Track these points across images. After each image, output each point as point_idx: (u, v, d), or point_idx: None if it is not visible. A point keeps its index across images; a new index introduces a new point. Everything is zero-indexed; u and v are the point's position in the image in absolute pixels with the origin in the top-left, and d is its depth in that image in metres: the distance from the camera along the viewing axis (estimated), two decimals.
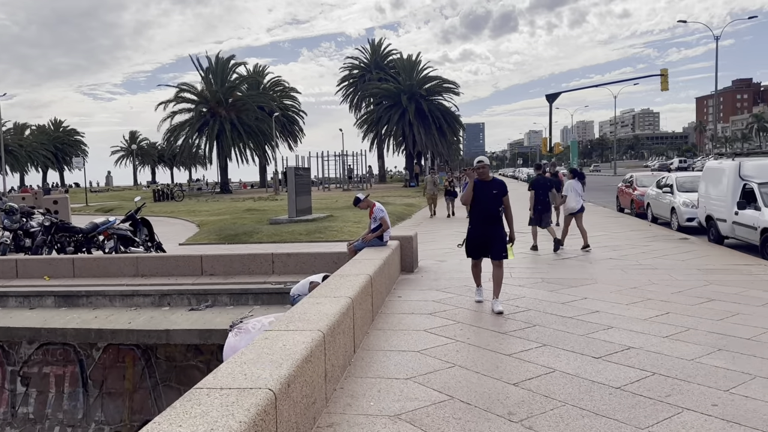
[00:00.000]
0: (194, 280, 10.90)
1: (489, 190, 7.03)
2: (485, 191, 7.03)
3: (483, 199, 7.03)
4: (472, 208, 7.24)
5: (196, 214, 27.31)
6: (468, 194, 7.13)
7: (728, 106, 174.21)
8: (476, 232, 7.17)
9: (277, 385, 3.20)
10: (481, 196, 7.03)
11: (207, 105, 55.53)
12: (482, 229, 7.10)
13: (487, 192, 7.02)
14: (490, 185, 7.07)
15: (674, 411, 4.03)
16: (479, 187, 7.06)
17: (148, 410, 10.51)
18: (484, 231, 7.09)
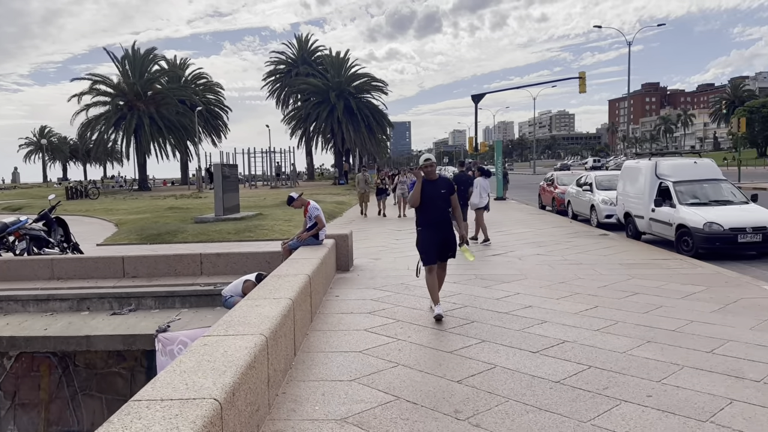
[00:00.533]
0: (116, 283, 10.34)
1: (437, 189, 6.62)
2: (433, 191, 6.60)
3: (432, 199, 6.58)
4: (420, 211, 6.70)
5: (114, 213, 26.01)
6: (416, 196, 6.59)
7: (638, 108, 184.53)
8: (430, 236, 6.63)
9: (222, 394, 3.04)
10: (430, 196, 6.58)
11: (124, 98, 53.08)
12: (435, 231, 6.62)
13: (435, 192, 6.60)
14: (437, 184, 6.66)
15: (613, 403, 4.16)
16: (427, 188, 6.60)
17: (66, 421, 9.91)
18: (437, 234, 6.62)
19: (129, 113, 52.17)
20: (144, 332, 8.77)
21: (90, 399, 9.91)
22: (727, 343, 5.43)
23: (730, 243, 10.78)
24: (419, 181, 6.62)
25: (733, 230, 10.78)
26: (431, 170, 6.64)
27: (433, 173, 6.68)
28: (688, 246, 11.23)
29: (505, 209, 23.02)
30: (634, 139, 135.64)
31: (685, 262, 10.05)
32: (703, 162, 13.04)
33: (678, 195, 12.02)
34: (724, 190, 12.34)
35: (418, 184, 6.62)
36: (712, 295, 7.46)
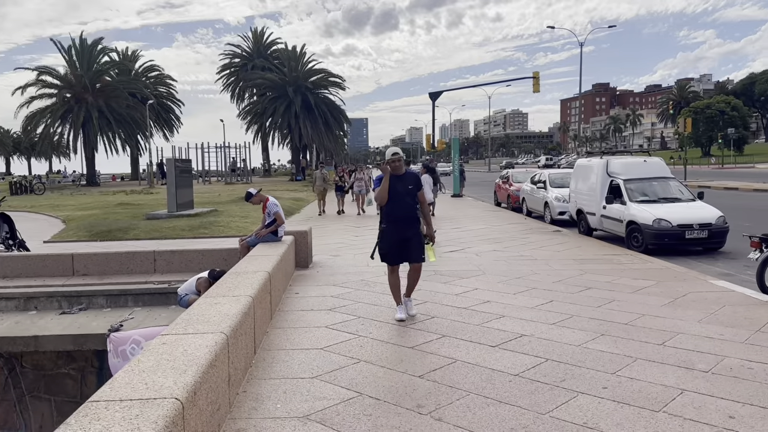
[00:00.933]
0: (65, 281, 10.00)
1: (404, 185, 6.23)
2: (400, 187, 6.21)
3: (398, 195, 6.18)
4: (386, 207, 6.28)
5: (61, 209, 25.12)
6: (384, 192, 6.19)
7: (588, 108, 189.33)
8: (393, 234, 6.22)
9: (183, 393, 2.98)
10: (396, 192, 6.18)
11: (71, 90, 51.23)
12: (400, 229, 6.21)
13: (401, 188, 6.21)
14: (404, 180, 6.27)
15: (570, 395, 4.26)
16: (393, 183, 6.22)
17: (13, 424, 9.55)
18: (403, 232, 6.22)
19: (77, 106, 50.41)
20: (95, 332, 8.51)
21: (38, 401, 9.57)
22: (677, 336, 5.63)
23: (678, 239, 11.18)
24: (387, 177, 6.21)
25: (680, 227, 11.19)
26: (399, 165, 6.27)
27: (401, 168, 6.31)
28: (638, 242, 11.60)
29: (461, 206, 23.28)
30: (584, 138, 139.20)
31: (636, 258, 10.38)
32: (653, 160, 13.48)
33: (628, 192, 12.40)
34: (673, 187, 12.79)
35: (386, 179, 6.21)
36: (662, 289, 7.73)
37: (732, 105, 71.50)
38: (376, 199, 6.28)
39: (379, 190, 6.26)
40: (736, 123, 68.85)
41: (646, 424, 3.76)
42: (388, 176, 6.23)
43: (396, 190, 6.19)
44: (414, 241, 6.28)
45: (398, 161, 6.26)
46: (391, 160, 6.25)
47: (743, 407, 3.99)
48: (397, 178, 6.25)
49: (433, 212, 22.06)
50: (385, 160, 6.31)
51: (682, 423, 3.77)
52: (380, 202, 6.26)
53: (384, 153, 7.13)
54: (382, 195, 6.21)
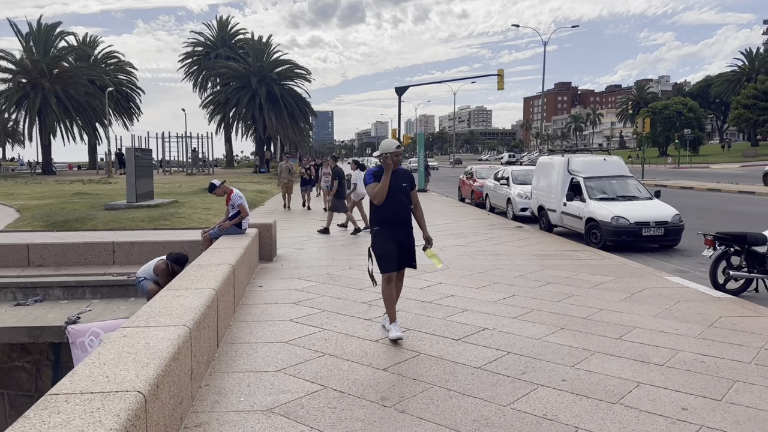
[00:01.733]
0: (20, 272, 9.72)
1: (399, 181, 5.61)
2: (395, 183, 5.57)
3: (394, 194, 5.54)
4: (381, 207, 5.58)
5: (15, 198, 24.31)
6: (384, 189, 5.47)
7: (551, 106, 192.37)
8: (390, 237, 5.56)
9: (146, 386, 2.94)
10: (392, 190, 5.54)
11: (27, 75, 49.48)
12: (396, 232, 5.59)
13: (398, 186, 5.58)
14: (399, 177, 5.64)
15: (530, 387, 4.36)
16: (390, 179, 5.55)
17: None
18: (399, 234, 5.61)
19: (33, 92, 48.71)
20: (52, 324, 8.31)
21: None
22: (634, 330, 5.80)
23: (635, 236, 11.49)
24: (389, 172, 5.50)
25: (638, 224, 11.50)
26: (399, 159, 5.64)
27: (399, 163, 5.66)
28: (597, 238, 11.88)
29: (426, 201, 23.42)
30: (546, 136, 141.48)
31: (594, 254, 10.63)
32: (612, 159, 13.80)
33: (588, 190, 12.67)
34: (631, 186, 13.12)
35: (387, 175, 5.49)
36: (619, 285, 7.94)
37: (689, 106, 73.56)
38: (374, 197, 5.50)
39: (379, 186, 5.50)
40: (692, 124, 70.91)
41: (603, 416, 3.87)
42: (390, 172, 5.51)
43: (391, 188, 5.54)
44: (409, 245, 5.69)
45: (399, 156, 5.60)
46: (395, 153, 5.54)
47: (696, 399, 4.15)
48: (392, 175, 5.58)
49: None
50: (387, 153, 5.53)
51: (638, 415, 3.90)
52: (378, 201, 5.51)
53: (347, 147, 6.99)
54: (382, 193, 5.48)
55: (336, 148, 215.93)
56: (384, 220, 5.61)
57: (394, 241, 5.56)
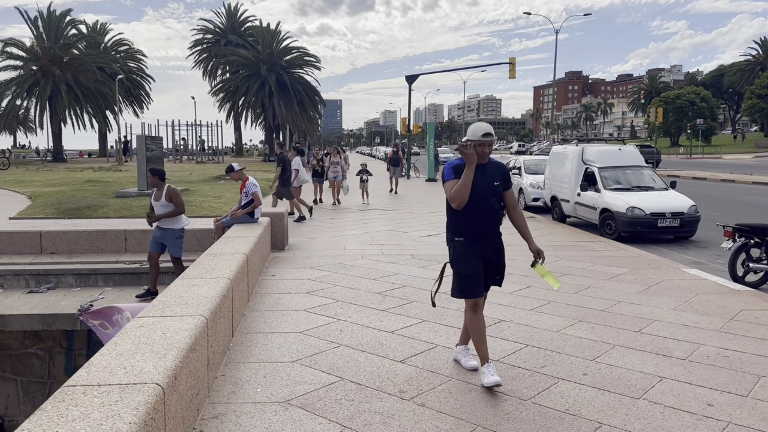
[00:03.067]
0: (33, 259, 9.72)
1: (489, 180, 4.25)
2: (483, 182, 4.21)
3: (481, 195, 4.19)
4: (464, 212, 4.22)
5: (27, 185, 24.42)
6: (466, 188, 4.11)
7: (561, 95, 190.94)
8: (476, 252, 4.26)
9: (164, 378, 2.89)
10: (479, 190, 4.17)
11: (38, 63, 49.60)
12: (483, 245, 4.31)
13: (486, 184, 4.22)
14: (488, 173, 4.27)
15: (551, 381, 4.28)
16: (477, 177, 4.19)
17: None
18: (487, 248, 4.33)
19: (43, 79, 48.85)
20: (65, 311, 8.30)
21: (4, 381, 9.34)
22: (654, 323, 5.70)
23: (651, 227, 11.35)
24: (472, 166, 4.11)
25: (653, 215, 11.34)
26: (487, 151, 4.23)
27: (488, 155, 4.29)
28: (611, 229, 11.74)
29: (437, 190, 23.29)
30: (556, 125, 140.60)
31: (609, 245, 10.50)
32: (627, 149, 13.62)
33: (603, 180, 12.52)
34: (646, 176, 12.95)
35: (470, 170, 4.12)
36: (636, 276, 7.83)
37: (701, 96, 72.74)
38: (454, 198, 4.16)
39: (458, 185, 4.13)
40: (704, 114, 70.15)
41: (627, 411, 3.79)
42: (474, 165, 4.13)
43: (479, 187, 4.17)
44: (500, 262, 4.48)
45: (490, 145, 4.23)
46: (480, 143, 4.18)
47: (721, 395, 4.05)
48: (480, 170, 4.23)
49: (396, 190, 22.17)
50: (470, 140, 4.18)
51: (663, 410, 3.81)
52: (458, 204, 4.15)
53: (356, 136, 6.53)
54: (462, 193, 4.12)
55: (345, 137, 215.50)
56: (468, 229, 4.27)
57: (481, 257, 4.29)
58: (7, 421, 9.12)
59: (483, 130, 4.19)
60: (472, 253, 4.26)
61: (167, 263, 9.28)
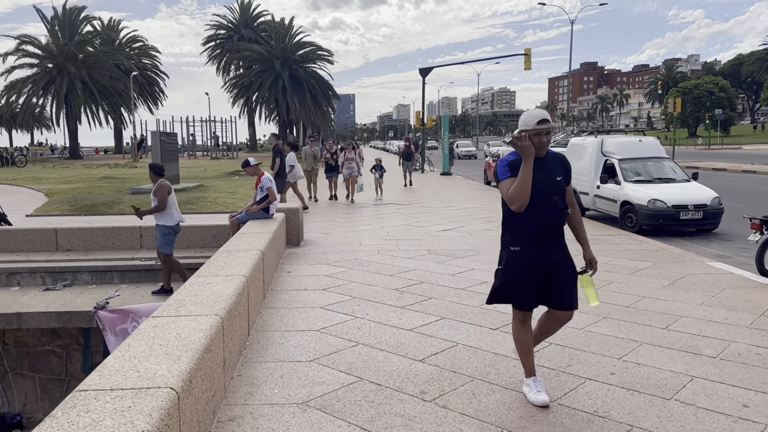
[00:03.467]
0: (48, 257, 9.72)
1: (549, 174, 3.65)
2: (544, 178, 3.62)
3: (542, 193, 3.59)
4: (520, 215, 3.62)
5: (44, 182, 24.61)
6: (526, 187, 3.52)
7: (576, 87, 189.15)
8: (532, 259, 3.67)
9: (178, 382, 2.78)
10: (540, 187, 3.58)
11: (53, 60, 49.97)
12: (542, 251, 3.67)
13: (546, 180, 3.62)
14: (547, 166, 3.67)
15: (578, 382, 4.13)
16: (536, 171, 3.59)
17: None
18: (546, 254, 3.68)
19: (59, 77, 49.21)
20: (81, 309, 8.28)
21: (22, 379, 9.37)
22: (681, 319, 5.52)
23: (673, 220, 11.10)
24: (530, 160, 3.52)
25: (675, 207, 11.09)
26: (545, 140, 3.61)
27: (546, 146, 3.67)
28: (632, 222, 11.51)
29: (451, 184, 23.12)
30: (572, 117, 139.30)
31: (630, 238, 10.28)
32: (648, 140, 13.34)
33: (623, 172, 12.27)
34: (667, 168, 12.68)
35: (528, 164, 3.52)
36: (660, 271, 7.62)
37: (720, 86, 71.64)
38: (513, 200, 3.55)
39: (517, 184, 3.53)
40: (723, 104, 69.09)
41: (658, 413, 3.63)
42: (532, 159, 3.54)
43: (539, 185, 3.58)
44: (563, 271, 3.73)
45: (547, 134, 3.62)
46: (536, 132, 3.58)
47: (756, 395, 3.88)
48: (538, 164, 3.62)
49: (411, 182, 22.05)
50: (524, 130, 3.59)
51: (696, 412, 3.65)
52: (518, 205, 3.55)
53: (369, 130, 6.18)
54: (522, 193, 3.52)
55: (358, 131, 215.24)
56: (527, 234, 3.66)
57: (540, 267, 3.67)
58: (25, 418, 9.15)
59: (537, 117, 3.60)
60: (527, 263, 3.68)
61: (185, 259, 9.24)
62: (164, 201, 8.28)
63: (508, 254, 3.76)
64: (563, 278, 3.73)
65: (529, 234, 3.66)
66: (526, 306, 3.80)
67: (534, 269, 3.68)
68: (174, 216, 8.47)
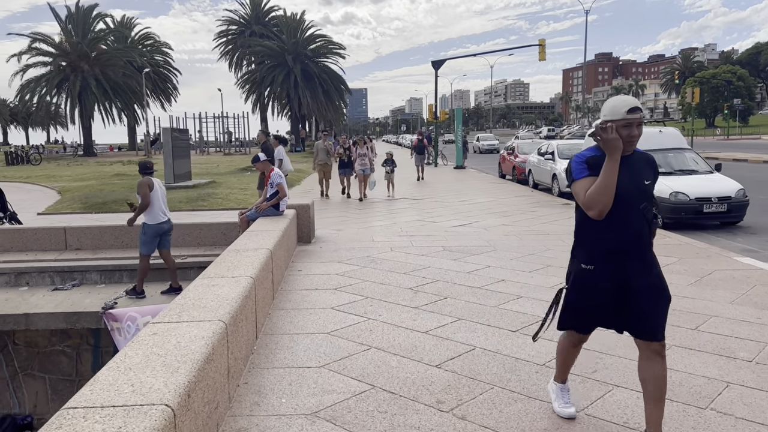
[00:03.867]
0: (57, 256, 9.60)
1: (636, 176, 3.02)
2: (630, 180, 2.99)
3: (629, 198, 2.99)
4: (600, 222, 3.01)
5: (57, 180, 24.67)
6: (609, 189, 2.93)
7: (591, 78, 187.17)
8: (606, 280, 3.07)
9: (175, 398, 2.57)
10: (625, 191, 2.98)
11: (67, 58, 50.22)
12: (621, 269, 3.05)
13: (632, 183, 3.00)
14: (635, 165, 3.04)
15: (605, 389, 3.87)
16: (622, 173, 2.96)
17: (6, 402, 9.27)
18: (626, 271, 3.05)
19: (72, 74, 49.46)
20: (89, 309, 8.15)
21: (32, 379, 9.28)
22: (711, 319, 5.23)
23: (696, 213, 10.74)
24: (614, 156, 2.92)
25: (698, 200, 10.74)
26: (638, 135, 2.95)
27: (637, 140, 2.99)
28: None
29: (465, 178, 22.81)
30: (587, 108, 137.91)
31: None
32: (668, 131, 12.96)
33: None
34: (689, 159, 12.30)
35: (614, 162, 2.92)
36: (686, 266, 7.31)
37: (738, 75, 70.36)
38: (592, 204, 2.94)
39: (598, 185, 2.93)
40: (741, 93, 67.83)
41: (694, 424, 3.37)
42: (619, 156, 2.93)
43: (624, 189, 2.96)
44: (652, 292, 3.07)
45: (639, 125, 2.95)
46: (626, 122, 2.92)
47: None
48: (623, 163, 2.97)
49: (423, 176, 21.83)
50: (610, 121, 2.95)
51: (735, 423, 3.38)
52: (598, 211, 2.95)
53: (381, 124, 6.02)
54: (607, 196, 2.93)
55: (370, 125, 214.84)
56: (606, 248, 3.04)
57: (616, 287, 3.05)
58: (36, 419, 9.06)
59: (628, 105, 2.94)
60: (602, 283, 3.07)
61: (195, 257, 9.09)
62: (146, 196, 8.07)
63: (577, 272, 3.17)
64: (652, 299, 3.06)
65: (608, 248, 3.05)
66: (587, 328, 3.31)
67: (608, 290, 3.07)
68: (157, 215, 8.17)
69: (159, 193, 8.23)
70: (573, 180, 3.10)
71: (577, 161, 3.10)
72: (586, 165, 3.05)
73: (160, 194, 8.24)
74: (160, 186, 8.33)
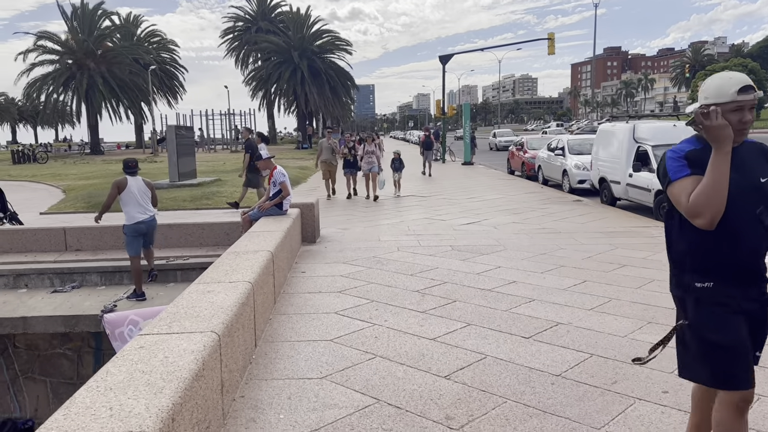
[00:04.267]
0: (57, 257, 9.40)
1: (749, 173, 2.37)
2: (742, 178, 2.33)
3: (743, 200, 2.32)
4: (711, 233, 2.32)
5: (63, 178, 24.56)
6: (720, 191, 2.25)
7: (599, 72, 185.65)
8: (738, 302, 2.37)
9: (156, 423, 2.32)
10: (739, 191, 2.31)
11: (73, 56, 50.19)
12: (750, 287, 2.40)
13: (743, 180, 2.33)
14: (747, 158, 2.40)
15: (626, 402, 3.60)
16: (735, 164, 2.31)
17: (7, 406, 9.10)
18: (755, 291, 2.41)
19: (78, 72, 49.44)
20: (88, 312, 7.94)
21: (33, 383, 9.10)
22: None
23: None
24: (724, 150, 2.27)
25: None
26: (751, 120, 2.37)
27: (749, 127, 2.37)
28: None
29: (474, 174, 22.51)
30: (595, 103, 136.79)
31: None
32: (683, 125, 12.59)
33: (657, 159, 11.58)
34: None
35: (724, 158, 2.27)
36: None
37: (749, 68, 69.39)
38: (701, 210, 2.27)
39: (707, 186, 2.27)
40: None
41: None
42: (729, 149, 2.29)
43: (737, 188, 2.31)
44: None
45: (751, 110, 2.37)
46: (737, 105, 2.33)
47: None
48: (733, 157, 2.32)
49: (430, 173, 21.57)
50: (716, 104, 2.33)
51: None
52: (712, 218, 2.28)
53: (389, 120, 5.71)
54: (718, 199, 2.27)
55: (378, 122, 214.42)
56: (723, 264, 2.38)
57: (745, 315, 2.39)
58: (37, 423, 8.88)
59: (739, 83, 2.34)
60: (731, 308, 2.37)
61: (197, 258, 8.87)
62: (110, 197, 7.97)
63: (695, 296, 2.44)
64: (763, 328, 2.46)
65: (724, 264, 2.36)
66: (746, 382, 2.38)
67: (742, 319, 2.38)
68: (132, 215, 7.90)
69: (134, 192, 7.90)
70: (669, 181, 2.42)
71: (674, 157, 2.43)
72: (687, 161, 2.40)
73: (136, 193, 7.91)
74: (137, 185, 8.00)
